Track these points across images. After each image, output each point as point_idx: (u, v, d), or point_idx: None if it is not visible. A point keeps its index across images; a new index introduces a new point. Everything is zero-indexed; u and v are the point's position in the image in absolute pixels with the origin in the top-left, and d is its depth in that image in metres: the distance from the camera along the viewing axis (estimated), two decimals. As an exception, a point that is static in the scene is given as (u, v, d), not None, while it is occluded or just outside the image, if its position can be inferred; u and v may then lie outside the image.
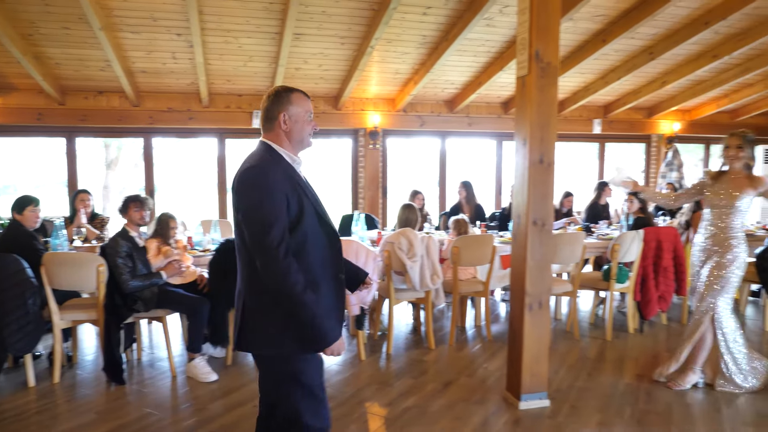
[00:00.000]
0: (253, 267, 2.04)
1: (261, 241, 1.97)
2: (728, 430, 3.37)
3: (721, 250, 3.83)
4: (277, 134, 2.17)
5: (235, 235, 2.13)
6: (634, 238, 5.10)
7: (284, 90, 2.21)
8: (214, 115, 7.29)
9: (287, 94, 2.19)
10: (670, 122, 9.33)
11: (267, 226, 1.96)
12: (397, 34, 5.95)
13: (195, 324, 4.12)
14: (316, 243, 2.12)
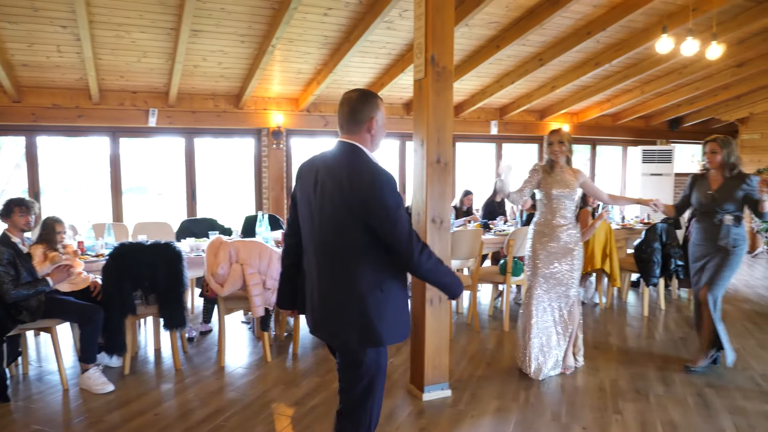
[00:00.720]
0: (369, 263, 2.18)
1: (407, 238, 2.15)
2: (610, 406, 3.69)
3: (569, 241, 4.20)
4: (363, 137, 2.29)
5: (330, 234, 2.22)
6: (528, 233, 5.43)
7: (372, 95, 2.32)
8: (107, 113, 6.90)
9: (375, 99, 2.31)
10: (560, 124, 9.97)
11: (408, 224, 2.17)
12: (299, 33, 5.94)
13: (88, 333, 3.90)
14: None
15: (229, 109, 7.57)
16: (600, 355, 4.65)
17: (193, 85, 7.01)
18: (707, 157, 4.17)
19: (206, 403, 3.72)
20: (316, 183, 2.26)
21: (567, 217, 4.19)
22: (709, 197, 4.13)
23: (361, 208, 2.14)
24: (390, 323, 2.24)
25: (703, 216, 4.23)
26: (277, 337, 5.13)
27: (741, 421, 3.45)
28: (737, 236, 4.10)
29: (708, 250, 4.18)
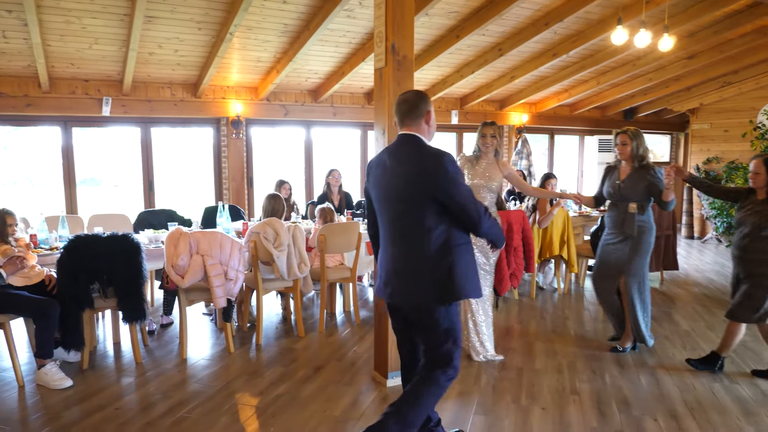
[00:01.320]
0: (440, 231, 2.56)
1: (472, 203, 2.56)
2: (568, 387, 3.81)
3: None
4: (422, 129, 2.66)
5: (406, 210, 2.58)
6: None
7: (425, 93, 2.73)
8: (57, 102, 6.67)
9: (428, 96, 2.73)
10: (519, 114, 10.15)
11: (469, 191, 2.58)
12: (258, 21, 5.86)
13: (44, 328, 3.79)
14: None
15: (187, 98, 7.42)
16: (558, 339, 4.79)
17: (149, 73, 6.83)
18: (618, 149, 4.30)
19: (168, 396, 3.67)
20: (386, 169, 2.64)
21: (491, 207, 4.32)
22: (617, 187, 4.29)
23: (432, 185, 2.51)
24: (462, 280, 2.59)
25: (612, 206, 4.41)
26: (240, 328, 5.10)
27: (689, 397, 3.62)
28: (642, 224, 4.26)
29: (615, 238, 4.38)
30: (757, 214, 3.78)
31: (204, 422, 3.32)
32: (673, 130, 12.17)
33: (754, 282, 3.79)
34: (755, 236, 3.77)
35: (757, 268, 3.77)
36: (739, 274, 3.94)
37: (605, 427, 3.25)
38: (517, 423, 3.30)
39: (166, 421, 3.32)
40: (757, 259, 3.77)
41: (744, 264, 3.86)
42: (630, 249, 4.28)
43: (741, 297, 3.85)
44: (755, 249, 3.77)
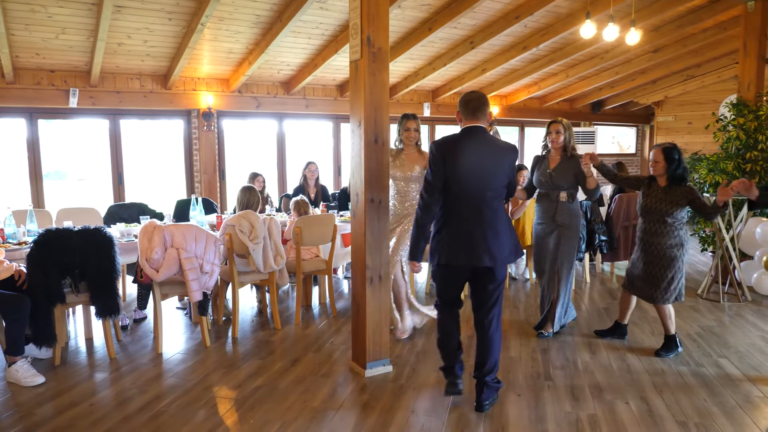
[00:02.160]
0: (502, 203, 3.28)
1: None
2: (542, 373, 3.91)
3: (408, 219, 4.45)
4: (483, 122, 3.23)
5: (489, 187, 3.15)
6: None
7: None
8: (22, 93, 6.49)
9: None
10: (491, 106, 10.25)
11: None
12: (229, 12, 5.79)
13: (14, 324, 3.70)
14: None
15: (156, 90, 7.30)
16: (531, 328, 4.88)
17: (117, 64, 6.69)
18: (552, 138, 4.44)
19: (144, 391, 3.64)
20: (481, 153, 3.14)
21: (409, 196, 4.48)
22: (547, 176, 4.44)
23: (508, 167, 3.20)
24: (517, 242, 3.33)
25: (542, 195, 4.54)
26: (216, 322, 5.06)
27: (659, 380, 3.75)
28: (572, 212, 4.44)
29: (548, 227, 4.51)
30: (662, 201, 4.04)
31: (182, 416, 3.30)
32: (638, 122, 12.47)
33: (666, 265, 4.06)
34: (661, 222, 4.04)
35: (668, 251, 4.05)
36: (646, 260, 4.16)
37: (579, 411, 3.34)
38: (494, 409, 3.37)
39: (143, 416, 3.29)
40: (666, 244, 4.05)
41: (653, 249, 4.10)
42: (562, 237, 4.45)
43: (662, 283, 4.10)
44: (663, 233, 4.05)
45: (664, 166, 4.02)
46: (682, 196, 3.99)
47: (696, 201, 3.96)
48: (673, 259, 4.05)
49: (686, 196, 3.98)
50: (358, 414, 3.32)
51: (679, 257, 4.06)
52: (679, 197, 3.99)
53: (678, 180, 4.03)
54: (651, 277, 4.13)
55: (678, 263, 4.07)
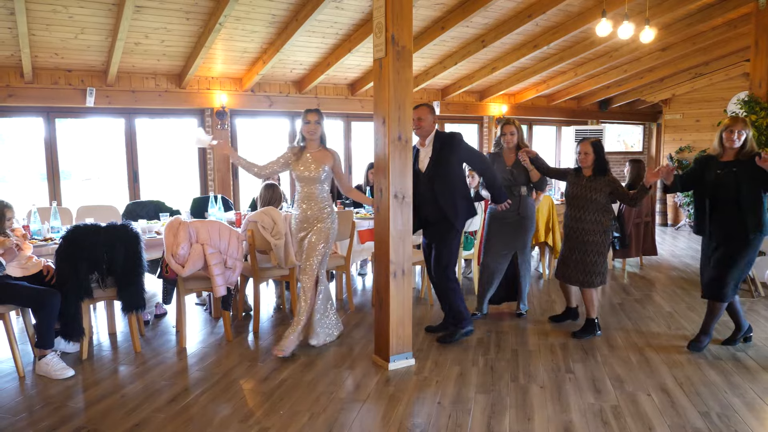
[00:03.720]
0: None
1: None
2: (563, 366, 3.97)
3: (319, 219, 4.22)
4: None
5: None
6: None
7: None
8: (40, 92, 6.55)
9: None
10: (499, 105, 10.31)
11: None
12: (246, 12, 5.85)
13: (44, 318, 3.77)
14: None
15: (171, 89, 7.36)
16: (547, 321, 4.95)
17: (134, 63, 6.75)
18: (506, 138, 4.76)
19: (173, 383, 3.71)
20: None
21: (314, 200, 4.19)
22: (508, 173, 4.74)
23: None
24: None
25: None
26: (236, 317, 5.13)
27: (678, 373, 3.80)
28: (530, 204, 4.84)
29: (510, 220, 4.79)
30: (587, 189, 4.42)
31: (213, 407, 3.37)
32: (645, 120, 12.51)
33: (590, 250, 4.41)
34: (587, 209, 4.41)
35: (592, 237, 4.40)
36: (570, 246, 4.52)
37: (602, 402, 3.40)
38: (518, 400, 3.43)
39: (175, 407, 3.36)
40: (590, 230, 4.40)
41: (578, 235, 4.45)
42: (521, 227, 4.81)
43: (586, 267, 4.44)
44: (588, 220, 4.41)
45: (593, 158, 4.42)
46: (606, 185, 4.38)
47: (617, 189, 4.37)
48: (597, 244, 4.40)
49: (609, 185, 4.38)
50: (385, 405, 3.38)
51: (602, 242, 4.41)
52: (602, 186, 4.38)
53: (602, 171, 4.42)
54: (577, 262, 4.47)
55: (601, 248, 4.41)
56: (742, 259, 4.01)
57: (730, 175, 3.97)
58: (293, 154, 4.20)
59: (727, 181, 3.98)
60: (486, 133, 10.48)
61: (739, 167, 3.95)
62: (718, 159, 4.09)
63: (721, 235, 4.06)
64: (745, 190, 3.92)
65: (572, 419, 3.18)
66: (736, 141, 3.96)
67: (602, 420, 3.17)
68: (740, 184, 3.93)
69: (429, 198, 4.32)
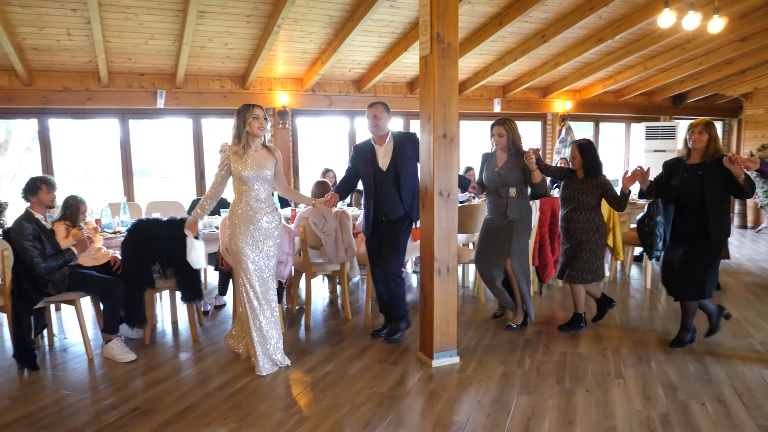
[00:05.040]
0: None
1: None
2: (613, 371, 3.84)
3: (269, 225, 3.89)
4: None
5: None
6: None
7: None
8: (115, 95, 7.01)
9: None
10: (563, 101, 10.04)
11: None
12: (303, 13, 6.01)
13: (110, 305, 4.07)
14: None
15: (235, 90, 7.66)
16: (603, 325, 4.79)
17: (200, 66, 7.09)
18: (495, 140, 4.60)
19: (225, 371, 3.89)
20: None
21: (261, 201, 3.86)
22: (496, 174, 4.56)
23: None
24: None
25: (492, 192, 4.63)
26: (289, 311, 5.29)
27: (739, 384, 3.59)
28: (522, 208, 4.56)
29: (499, 223, 4.58)
30: (581, 191, 4.45)
31: (258, 394, 3.50)
32: (725, 116, 11.80)
33: (582, 248, 4.47)
34: (581, 210, 4.45)
35: (584, 236, 4.46)
36: (568, 244, 4.55)
37: (650, 410, 3.26)
38: (561, 404, 3.36)
39: (224, 393, 3.52)
40: (582, 229, 4.45)
41: (572, 234, 4.50)
42: (514, 231, 4.53)
43: (577, 263, 4.48)
44: (580, 220, 4.46)
45: (579, 160, 4.45)
46: (597, 187, 4.44)
47: (609, 192, 4.43)
48: (588, 243, 4.46)
49: (600, 187, 4.43)
50: (424, 401, 3.40)
51: (594, 241, 4.47)
52: (594, 188, 4.43)
53: (594, 173, 4.44)
54: (569, 259, 4.55)
55: (594, 246, 4.47)
56: (713, 258, 4.07)
57: (695, 178, 3.99)
58: (234, 152, 3.80)
59: (692, 184, 4.00)
60: (549, 130, 10.22)
61: (704, 169, 3.97)
62: (684, 162, 4.11)
63: (687, 238, 4.10)
64: (709, 192, 3.94)
65: (616, 425, 3.09)
66: (697, 141, 3.99)
67: (648, 428, 3.05)
68: (705, 187, 3.94)
69: (391, 196, 4.32)
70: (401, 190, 4.31)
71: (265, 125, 3.84)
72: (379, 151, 4.38)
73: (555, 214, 5.70)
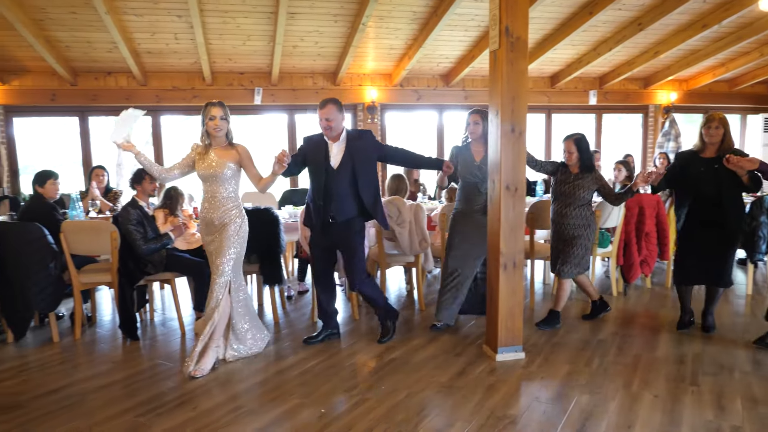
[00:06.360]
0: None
1: None
2: (688, 378, 3.67)
3: (225, 221, 3.82)
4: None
5: None
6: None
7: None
8: (217, 93, 7.58)
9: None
10: (667, 92, 9.44)
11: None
12: (388, 11, 6.16)
13: (200, 285, 4.49)
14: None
15: (327, 86, 7.99)
16: (679, 329, 4.54)
17: (293, 64, 7.48)
18: (470, 128, 4.46)
19: (297, 352, 4.15)
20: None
21: (218, 201, 3.81)
22: (476, 168, 4.41)
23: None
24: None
25: (468, 186, 4.47)
26: (366, 299, 5.49)
27: (831, 399, 3.30)
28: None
29: (470, 217, 4.43)
30: (577, 186, 4.43)
31: (324, 375, 3.73)
32: None
33: (573, 243, 4.46)
34: (574, 205, 4.44)
35: (576, 231, 4.46)
36: (558, 239, 4.55)
37: (722, 421, 3.09)
38: (623, 406, 3.27)
39: (293, 372, 3.78)
40: (574, 224, 4.45)
41: (563, 229, 4.50)
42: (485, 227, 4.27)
43: (566, 257, 4.48)
44: (573, 215, 4.45)
45: (576, 155, 4.43)
46: (593, 182, 4.44)
47: (604, 187, 4.46)
48: (578, 237, 4.46)
49: (596, 183, 4.45)
50: (481, 394, 3.45)
51: (586, 236, 4.48)
52: (590, 183, 4.44)
53: (589, 168, 4.44)
54: (559, 252, 4.55)
55: (586, 241, 4.48)
56: (732, 247, 4.24)
57: (711, 171, 4.10)
58: (197, 153, 3.82)
59: (708, 178, 4.11)
60: (651, 123, 9.66)
61: (720, 164, 4.03)
62: (699, 155, 4.21)
63: (704, 230, 4.20)
64: (726, 186, 4.07)
65: (679, 432, 2.97)
66: (714, 135, 4.09)
67: (715, 438, 2.91)
68: (721, 181, 4.06)
69: (343, 194, 4.02)
70: (360, 191, 4.04)
71: (222, 125, 3.73)
72: (332, 148, 4.06)
73: (643, 212, 5.46)
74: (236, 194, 3.89)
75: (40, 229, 4.27)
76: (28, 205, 4.73)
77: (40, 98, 7.16)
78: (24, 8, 5.54)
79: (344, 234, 4.11)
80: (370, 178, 4.12)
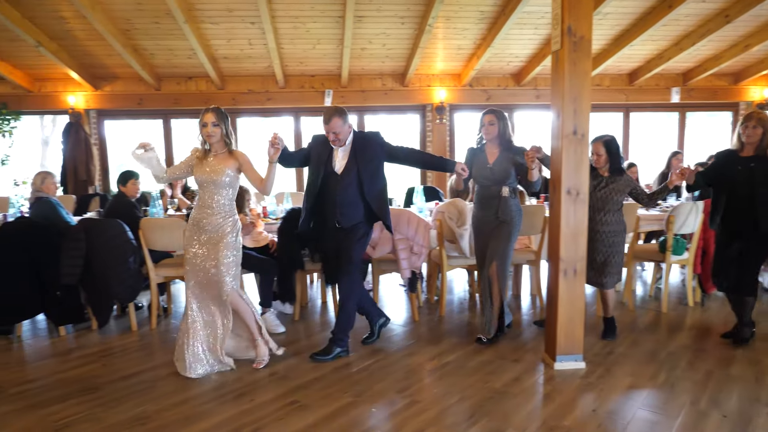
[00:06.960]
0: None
1: None
2: (764, 398, 3.43)
3: (218, 231, 3.74)
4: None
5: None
6: (692, 210, 5.04)
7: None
8: (290, 95, 7.83)
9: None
10: (761, 88, 8.78)
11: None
12: (455, 11, 6.13)
13: (265, 282, 4.68)
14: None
15: (396, 87, 8.06)
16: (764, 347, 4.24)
17: (362, 66, 7.60)
18: (485, 129, 4.26)
19: (355, 350, 4.24)
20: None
21: (213, 207, 3.72)
22: (488, 170, 4.24)
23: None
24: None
25: (482, 189, 4.31)
26: (428, 300, 5.51)
27: None
28: (513, 208, 4.27)
29: (490, 222, 4.27)
30: (613, 191, 4.24)
31: (379, 374, 3.78)
32: None
33: (612, 252, 4.26)
34: (612, 210, 4.25)
35: (614, 238, 4.26)
36: (594, 249, 4.21)
37: (798, 445, 2.88)
38: (687, 425, 3.09)
39: (350, 370, 3.87)
40: (612, 231, 4.25)
41: (601, 237, 4.25)
42: (502, 232, 4.24)
43: (608, 268, 4.27)
44: (610, 221, 4.25)
45: (606, 158, 4.25)
46: (626, 185, 4.26)
47: (636, 189, 4.29)
48: (616, 245, 4.28)
49: (628, 185, 4.26)
50: (535, 402, 3.38)
51: (621, 242, 4.31)
52: (623, 186, 4.25)
53: (619, 171, 4.27)
54: (600, 264, 4.29)
55: (620, 248, 4.31)
56: (760, 254, 4.07)
57: (746, 170, 3.99)
58: (197, 157, 3.79)
59: (743, 178, 4.00)
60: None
61: (756, 163, 3.96)
62: (738, 154, 4.08)
63: (736, 232, 4.09)
64: (760, 186, 3.94)
65: (746, 455, 2.78)
66: (752, 135, 3.94)
67: (787, 464, 2.70)
68: (756, 180, 3.95)
69: (346, 200, 3.95)
70: (366, 195, 3.99)
71: (214, 132, 3.67)
72: (337, 153, 4.02)
73: (723, 218, 5.12)
74: (232, 203, 3.83)
75: (121, 226, 4.61)
76: (112, 203, 5.11)
77: (129, 102, 7.69)
78: (113, 20, 5.97)
79: (351, 237, 4.05)
80: (376, 181, 4.04)
